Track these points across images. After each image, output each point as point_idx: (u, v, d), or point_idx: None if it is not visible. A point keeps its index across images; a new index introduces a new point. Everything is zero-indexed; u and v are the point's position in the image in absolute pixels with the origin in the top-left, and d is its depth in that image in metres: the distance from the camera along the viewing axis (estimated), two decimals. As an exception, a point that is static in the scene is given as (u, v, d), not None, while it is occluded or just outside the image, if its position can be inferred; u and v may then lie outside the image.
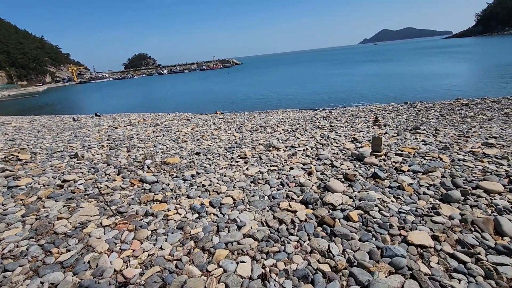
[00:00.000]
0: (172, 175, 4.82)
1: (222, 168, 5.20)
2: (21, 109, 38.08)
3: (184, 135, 9.28)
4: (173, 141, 8.47)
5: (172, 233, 2.82)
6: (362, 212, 2.98)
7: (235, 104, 24.45)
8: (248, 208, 3.31)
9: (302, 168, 4.81)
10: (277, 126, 10.95)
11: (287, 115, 15.57)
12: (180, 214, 3.23)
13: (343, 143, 6.74)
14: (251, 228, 2.82)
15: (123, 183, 4.33)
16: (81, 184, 4.39)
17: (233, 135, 9.08)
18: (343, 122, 11.43)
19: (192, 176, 4.68)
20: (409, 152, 5.55)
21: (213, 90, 39.96)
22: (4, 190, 4.39)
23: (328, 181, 3.99)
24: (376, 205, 3.10)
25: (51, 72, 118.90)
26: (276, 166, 5.05)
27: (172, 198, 3.72)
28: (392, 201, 3.31)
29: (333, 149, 6.19)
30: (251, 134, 9.21)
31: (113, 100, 42.66)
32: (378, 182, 3.98)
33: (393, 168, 4.60)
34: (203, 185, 4.20)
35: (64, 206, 3.56)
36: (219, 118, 14.92)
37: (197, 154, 6.38)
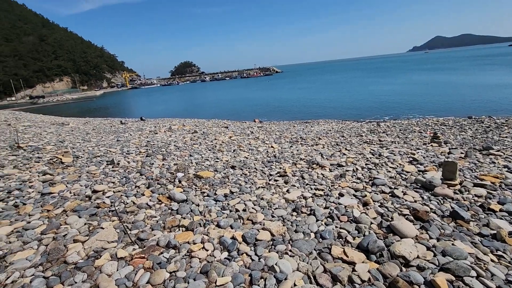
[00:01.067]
0: (204, 192, 4.32)
1: (259, 187, 4.59)
2: (80, 111, 41.82)
3: (221, 144, 8.91)
4: (209, 150, 8.12)
5: (194, 279, 2.25)
6: (453, 278, 2.12)
7: (274, 113, 23.91)
8: (290, 250, 2.63)
9: (355, 196, 3.99)
10: (319, 138, 10.10)
11: (329, 126, 14.56)
12: (206, 250, 2.67)
13: (400, 164, 5.71)
14: (294, 286, 2.13)
15: (150, 200, 3.93)
16: (108, 197, 4.09)
17: (272, 147, 8.47)
18: (394, 137, 10.17)
19: (225, 196, 4.12)
20: (492, 182, 4.39)
21: (252, 97, 40.01)
22: (37, 197, 4.28)
23: (392, 219, 3.15)
24: (471, 267, 2.21)
25: (107, 78, 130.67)
26: (322, 190, 4.29)
27: (200, 226, 3.18)
28: (493, 261, 2.38)
29: (389, 171, 5.23)
30: (291, 147, 8.51)
31: (159, 105, 44.92)
32: (461, 225, 3.03)
33: (477, 204, 3.57)
34: (237, 210, 3.61)
35: (85, 224, 3.23)
36: (258, 126, 14.45)
37: (233, 167, 5.86)
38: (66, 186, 4.65)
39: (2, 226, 3.22)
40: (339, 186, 4.44)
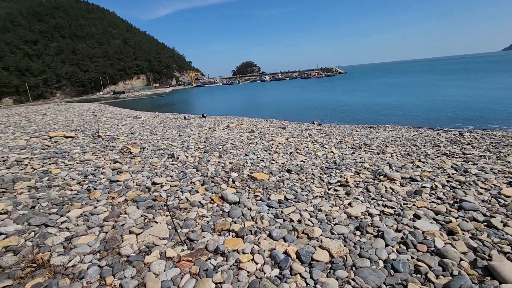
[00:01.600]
0: (257, 196, 4.11)
1: (317, 196, 4.19)
2: (152, 106, 46.32)
3: (277, 145, 8.66)
4: (265, 151, 7.95)
5: (240, 296, 2.03)
6: None
7: (335, 115, 22.73)
8: (353, 279, 2.21)
9: (435, 220, 3.30)
10: (386, 146, 9.08)
11: (398, 133, 13.11)
12: (256, 263, 2.42)
13: (496, 185, 4.65)
14: (360, 330, 1.73)
15: (203, 198, 3.87)
16: (165, 190, 4.18)
17: (331, 151, 7.89)
18: (483, 150, 8.55)
19: (279, 202, 3.84)
20: None
21: (312, 98, 38.92)
22: (106, 183, 4.63)
23: (490, 257, 2.46)
24: None
25: (176, 76, 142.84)
26: (392, 208, 3.68)
27: (251, 233, 2.96)
28: None
29: (481, 193, 4.28)
30: (353, 153, 7.80)
31: (220, 102, 47.04)
32: None
33: None
34: (291, 220, 3.29)
35: (141, 216, 3.30)
36: (317, 129, 13.82)
37: (289, 171, 5.55)
38: (131, 176, 4.94)
39: (75, 209, 3.49)
40: (414, 205, 3.77)
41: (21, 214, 3.32)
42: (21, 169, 5.59)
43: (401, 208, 3.68)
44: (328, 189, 4.51)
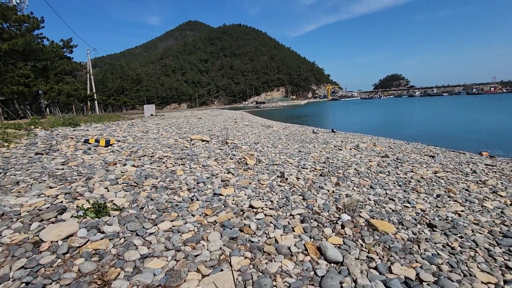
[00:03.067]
0: (372, 259, 2.86)
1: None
2: (286, 117, 48.73)
3: (418, 181, 6.62)
4: (399, 185, 6.18)
5: None
6: None
7: (518, 146, 16.29)
8: None
9: None
10: None
11: None
12: None
13: None
14: None
15: (295, 244, 3.01)
16: (259, 219, 3.58)
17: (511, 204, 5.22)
18: None
19: (407, 284, 2.48)
20: None
21: (481, 120, 30.09)
22: (210, 195, 4.56)
23: None
24: None
25: (313, 89, 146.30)
26: None
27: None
28: None
29: None
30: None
31: (354, 118, 44.00)
32: None
33: None
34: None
35: (219, 249, 2.81)
36: (486, 164, 10.07)
37: (431, 226, 3.84)
38: (234, 191, 4.68)
39: (169, 220, 3.43)
40: None
41: (129, 213, 3.52)
42: (159, 166, 6.47)
43: None
44: (504, 278, 2.67)
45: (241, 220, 3.51)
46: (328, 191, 5.21)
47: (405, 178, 6.83)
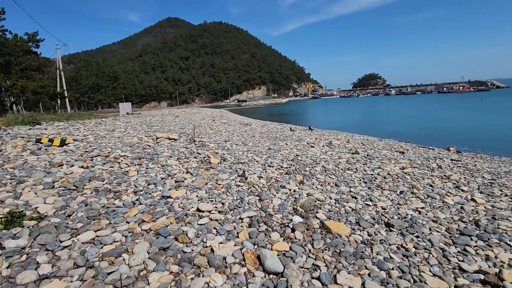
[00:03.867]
0: (317, 267, 2.58)
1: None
2: (267, 115, 48.54)
3: (384, 177, 6.51)
4: (364, 182, 6.02)
5: None
6: None
7: (484, 143, 16.94)
8: None
9: None
10: None
11: None
12: None
13: None
14: None
15: (233, 253, 2.67)
16: (201, 224, 3.22)
17: (472, 199, 5.18)
18: None
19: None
20: None
21: (450, 118, 31.26)
22: (157, 198, 4.13)
23: None
24: None
25: (294, 88, 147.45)
26: None
27: None
28: None
29: None
30: (515, 207, 4.85)
31: (333, 116, 44.54)
32: None
33: None
34: None
35: (142, 263, 2.41)
36: (452, 159, 10.24)
37: (388, 226, 3.64)
38: (185, 193, 4.29)
39: (94, 229, 2.98)
40: None
41: (50, 223, 3.05)
42: (112, 167, 5.94)
43: None
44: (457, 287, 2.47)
45: (181, 226, 3.13)
46: (290, 190, 4.94)
47: (372, 175, 6.70)
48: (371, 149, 11.44)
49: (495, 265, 2.81)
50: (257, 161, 7.20)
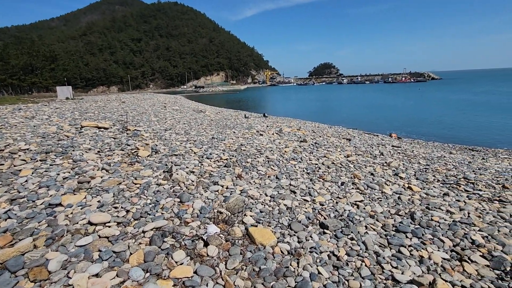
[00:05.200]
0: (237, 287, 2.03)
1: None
2: (224, 101, 47.23)
3: (328, 167, 6.24)
4: (307, 173, 5.67)
5: None
6: None
7: (421, 129, 18.20)
8: None
9: None
10: (504, 187, 5.71)
11: (524, 165, 8.93)
12: None
13: None
14: None
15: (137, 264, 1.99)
16: (81, 246, 2.45)
17: (409, 187, 5.12)
18: None
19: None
20: None
21: (394, 105, 33.37)
22: (41, 207, 3.22)
23: None
24: None
25: (252, 75, 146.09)
26: None
27: None
28: None
29: None
30: (445, 195, 4.88)
31: (289, 103, 44.98)
32: None
33: None
34: None
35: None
36: (393, 146, 10.57)
37: (323, 227, 3.24)
38: (84, 199, 3.42)
39: None
40: None
41: None
42: (1, 164, 4.74)
43: None
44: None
45: (50, 251, 2.32)
46: (222, 187, 4.33)
47: (316, 164, 6.40)
48: (320, 136, 11.35)
49: (429, 270, 2.53)
50: (194, 153, 6.46)
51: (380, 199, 4.45)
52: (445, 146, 13.34)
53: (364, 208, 3.97)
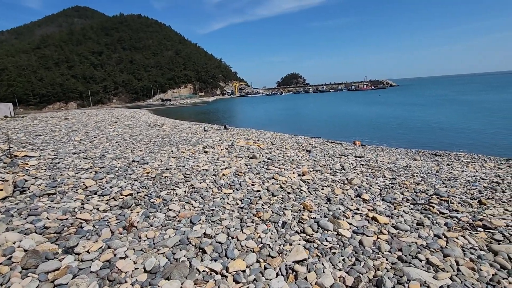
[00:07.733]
0: None
1: None
2: (191, 114, 45.01)
3: (271, 195, 4.73)
4: (240, 209, 4.11)
5: None
6: None
7: (384, 133, 17.67)
8: None
9: None
10: (481, 203, 4.61)
11: (488, 170, 8.21)
12: None
13: None
14: None
15: None
16: None
17: (374, 218, 3.78)
18: None
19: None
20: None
21: (357, 112, 33.45)
22: None
23: None
24: None
25: (221, 86, 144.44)
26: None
27: None
28: None
29: None
30: (419, 225, 3.56)
31: (255, 113, 43.93)
32: None
33: None
34: None
35: None
36: (356, 156, 9.40)
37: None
38: None
39: None
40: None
41: None
42: None
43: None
44: None
45: None
46: (78, 254, 2.60)
47: (258, 191, 4.88)
48: (278, 149, 9.95)
49: None
50: (86, 187, 4.64)
51: (333, 252, 2.98)
52: (409, 152, 12.62)
53: (306, 279, 2.45)
